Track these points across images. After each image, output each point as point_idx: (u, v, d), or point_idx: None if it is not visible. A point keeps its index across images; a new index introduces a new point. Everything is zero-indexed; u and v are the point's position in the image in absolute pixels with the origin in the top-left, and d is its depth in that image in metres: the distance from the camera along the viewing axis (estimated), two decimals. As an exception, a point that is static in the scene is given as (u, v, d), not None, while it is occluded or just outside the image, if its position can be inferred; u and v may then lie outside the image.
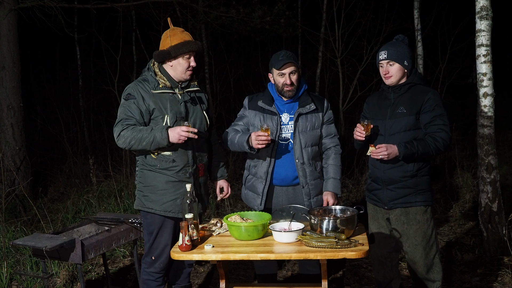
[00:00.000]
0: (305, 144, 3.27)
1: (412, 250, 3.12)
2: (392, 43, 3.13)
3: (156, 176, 3.05)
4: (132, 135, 2.90)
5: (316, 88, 8.48)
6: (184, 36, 3.04)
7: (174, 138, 2.88)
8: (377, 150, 2.93)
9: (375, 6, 7.65)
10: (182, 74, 3.06)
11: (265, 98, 3.34)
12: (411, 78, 3.10)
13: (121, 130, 2.93)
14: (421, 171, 3.10)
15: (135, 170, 3.24)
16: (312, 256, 2.47)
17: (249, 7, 7.90)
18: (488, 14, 4.18)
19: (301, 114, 3.27)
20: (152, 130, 2.90)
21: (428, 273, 3.14)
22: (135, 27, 9.42)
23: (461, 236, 4.98)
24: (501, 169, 5.04)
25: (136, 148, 2.93)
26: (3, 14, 6.59)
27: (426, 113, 3.02)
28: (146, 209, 3.07)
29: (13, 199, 5.98)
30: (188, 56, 3.03)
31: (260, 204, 3.32)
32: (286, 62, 3.17)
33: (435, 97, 3.04)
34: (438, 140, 2.96)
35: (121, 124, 2.96)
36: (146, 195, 3.07)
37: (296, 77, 3.24)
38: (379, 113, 3.17)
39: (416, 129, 3.05)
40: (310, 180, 3.30)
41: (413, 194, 3.08)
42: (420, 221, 3.09)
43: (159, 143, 2.88)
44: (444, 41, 7.76)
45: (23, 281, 4.19)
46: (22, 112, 6.88)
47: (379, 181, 3.17)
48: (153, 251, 3.12)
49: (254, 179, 3.36)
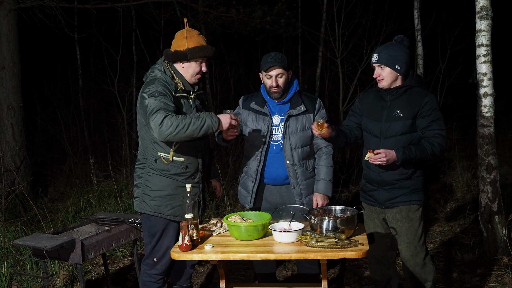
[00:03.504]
0: (295, 145, 3.30)
1: (405, 248, 3.17)
2: (386, 45, 3.11)
3: (166, 181, 3.02)
4: (179, 121, 2.74)
5: (316, 88, 8.48)
6: (200, 40, 3.01)
7: (225, 123, 2.86)
8: (375, 156, 2.93)
9: (375, 6, 7.64)
10: (191, 77, 3.04)
11: (257, 100, 3.38)
12: (407, 81, 3.08)
13: (164, 116, 2.74)
14: (416, 172, 3.13)
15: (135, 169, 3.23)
16: (312, 256, 2.48)
17: (249, 7, 7.89)
18: (488, 14, 4.18)
19: (291, 115, 3.30)
20: (200, 115, 2.81)
21: (421, 272, 3.18)
22: (135, 27, 9.41)
23: (461, 236, 4.98)
24: (501, 169, 5.04)
25: (181, 134, 2.75)
26: (3, 14, 6.59)
27: (423, 118, 3.03)
28: (152, 212, 3.04)
29: (13, 199, 5.98)
30: (201, 61, 3.02)
31: (249, 202, 3.38)
32: (272, 65, 3.19)
33: (432, 102, 3.04)
34: (435, 145, 2.99)
35: (162, 111, 2.76)
36: (154, 199, 3.03)
37: (283, 80, 3.26)
38: (374, 114, 3.17)
39: (412, 132, 3.06)
40: (301, 181, 3.32)
41: (408, 193, 3.11)
42: (413, 219, 3.13)
43: (209, 128, 2.80)
44: (444, 41, 7.75)
45: (23, 281, 4.19)
46: (22, 112, 6.88)
47: (374, 182, 3.18)
48: (155, 253, 3.11)
49: (246, 177, 3.43)
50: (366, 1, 7.53)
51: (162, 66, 3.05)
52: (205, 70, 3.06)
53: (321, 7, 8.28)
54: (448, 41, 7.58)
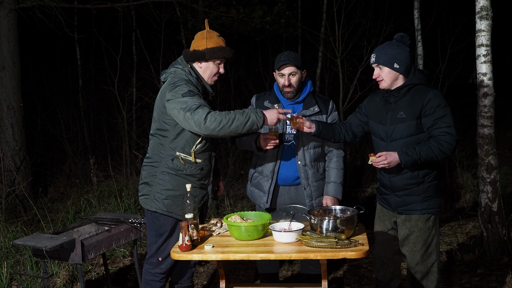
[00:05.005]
0: (307, 146, 3.28)
1: (411, 256, 3.10)
2: (384, 45, 3.00)
3: (181, 181, 3.01)
4: (222, 116, 2.74)
5: (316, 88, 8.48)
6: (220, 41, 3.03)
7: (272, 120, 2.86)
8: (377, 160, 2.84)
9: (375, 6, 7.63)
10: (208, 78, 3.05)
11: (271, 98, 3.36)
12: (409, 79, 2.94)
13: (207, 112, 2.74)
14: (428, 177, 2.99)
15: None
16: (312, 256, 2.47)
17: (249, 7, 7.89)
18: (488, 14, 4.18)
19: (305, 116, 3.27)
20: (244, 111, 2.81)
21: (423, 280, 3.10)
22: (135, 27, 9.41)
23: (461, 236, 4.98)
24: (501, 169, 5.04)
25: (226, 130, 2.75)
26: (3, 14, 6.59)
27: (427, 117, 2.88)
28: (164, 212, 3.04)
29: (13, 199, 5.98)
30: (220, 62, 3.02)
31: (266, 202, 3.34)
32: (285, 63, 3.18)
33: (435, 98, 2.86)
34: (442, 144, 2.81)
35: (204, 107, 2.77)
36: (167, 198, 3.02)
37: (296, 78, 3.24)
38: (379, 116, 3.08)
39: (419, 133, 2.92)
40: (312, 182, 3.30)
41: (419, 202, 3.00)
42: (422, 228, 3.03)
43: (253, 124, 2.80)
44: (444, 41, 7.74)
45: (23, 281, 4.19)
46: (22, 112, 6.88)
47: (385, 187, 3.12)
48: (160, 252, 3.11)
49: (260, 177, 3.37)
50: (366, 1, 7.52)
51: (186, 66, 3.04)
52: (222, 72, 3.06)
53: (321, 7, 8.28)
54: (448, 41, 7.57)
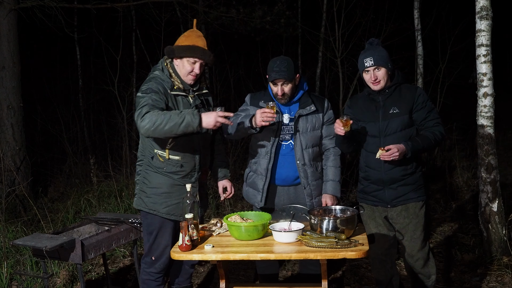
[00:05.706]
0: (305, 145, 3.27)
1: (411, 244, 3.20)
2: (371, 48, 3.12)
3: (162, 178, 3.03)
4: (158, 115, 2.71)
5: (316, 88, 8.48)
6: (196, 41, 2.99)
7: (209, 123, 2.77)
8: (388, 153, 2.94)
9: (375, 6, 7.64)
10: (184, 76, 3.03)
11: (266, 98, 3.34)
12: (396, 79, 3.14)
13: (147, 111, 2.74)
14: (418, 167, 3.20)
15: (135, 170, 3.24)
16: (312, 256, 2.47)
17: (249, 7, 7.89)
18: (488, 14, 4.18)
19: (301, 115, 3.27)
20: (182, 112, 2.75)
21: (424, 266, 3.24)
22: (135, 27, 9.41)
23: (461, 236, 4.98)
24: (501, 169, 5.04)
25: (161, 130, 2.71)
26: (3, 14, 6.59)
27: (419, 111, 3.11)
28: (148, 209, 3.06)
29: (13, 199, 5.98)
30: (193, 61, 3.00)
31: (260, 201, 3.32)
32: (277, 77, 3.15)
33: (423, 94, 3.16)
34: (436, 134, 3.09)
35: (147, 107, 2.77)
36: (150, 196, 3.05)
37: (289, 88, 3.22)
38: (368, 115, 3.19)
39: (409, 127, 3.13)
40: (312, 181, 3.31)
41: (414, 190, 3.17)
42: (419, 215, 3.19)
43: (188, 125, 2.72)
44: (444, 41, 7.75)
45: (23, 281, 4.19)
46: (22, 112, 6.88)
47: (379, 182, 3.18)
48: (153, 251, 3.12)
49: (255, 175, 3.37)
50: (366, 1, 7.53)
51: (161, 64, 3.07)
52: (198, 72, 3.02)
53: (321, 7, 8.28)
54: (448, 41, 7.58)
